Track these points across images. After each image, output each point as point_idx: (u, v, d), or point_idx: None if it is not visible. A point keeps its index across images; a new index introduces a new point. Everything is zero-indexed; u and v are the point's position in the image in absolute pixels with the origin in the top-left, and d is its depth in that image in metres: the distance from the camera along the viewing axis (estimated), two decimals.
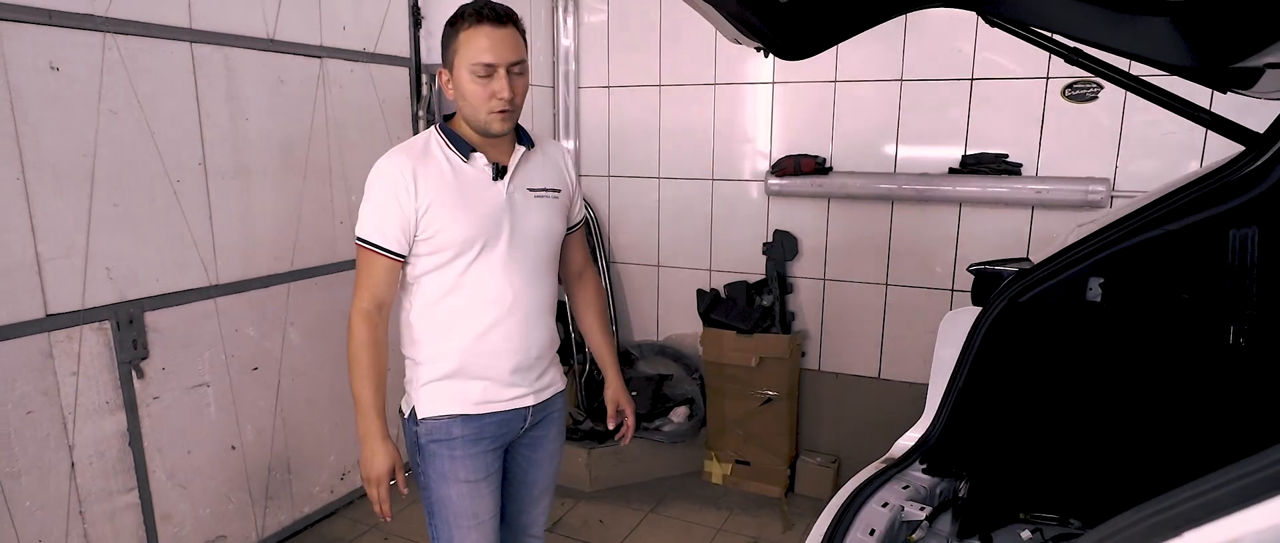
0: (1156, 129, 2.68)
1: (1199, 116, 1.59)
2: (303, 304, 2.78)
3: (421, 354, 1.66)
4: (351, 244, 3.02)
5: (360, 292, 1.60)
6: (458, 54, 1.53)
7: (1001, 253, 2.95)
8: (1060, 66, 2.77)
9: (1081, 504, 1.83)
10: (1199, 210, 1.53)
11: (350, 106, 2.93)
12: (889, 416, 3.23)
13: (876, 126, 3.09)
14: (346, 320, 1.61)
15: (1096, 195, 2.72)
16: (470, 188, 1.60)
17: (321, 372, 2.88)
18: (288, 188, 2.72)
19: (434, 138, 1.63)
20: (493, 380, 1.66)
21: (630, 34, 3.46)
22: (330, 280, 2.89)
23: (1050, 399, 1.80)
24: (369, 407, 1.59)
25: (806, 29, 1.65)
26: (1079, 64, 1.65)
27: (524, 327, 1.67)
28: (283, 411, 2.75)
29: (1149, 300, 1.63)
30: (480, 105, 1.54)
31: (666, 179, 3.53)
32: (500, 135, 1.60)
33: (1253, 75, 1.50)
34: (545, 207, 1.70)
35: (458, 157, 1.60)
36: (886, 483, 1.66)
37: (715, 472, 3.32)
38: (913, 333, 3.14)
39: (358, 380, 1.59)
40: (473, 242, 1.58)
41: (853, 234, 3.20)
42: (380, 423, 1.59)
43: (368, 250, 1.58)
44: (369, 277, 1.59)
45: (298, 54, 2.72)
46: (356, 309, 1.59)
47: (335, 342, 2.92)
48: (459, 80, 1.55)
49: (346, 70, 2.91)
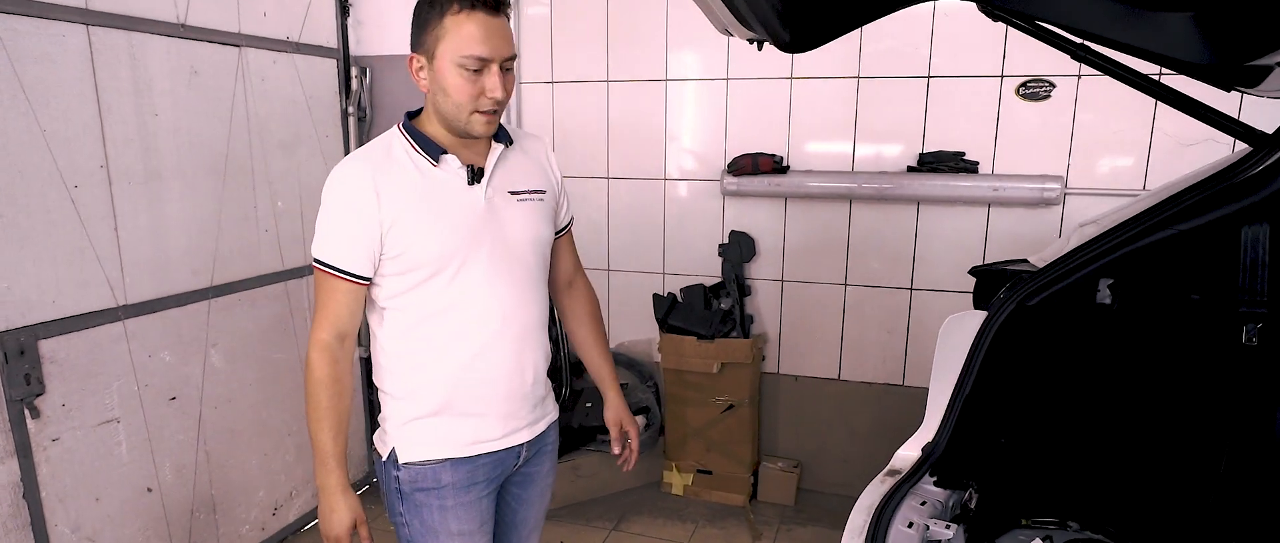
0: (1106, 127, 2.74)
1: (1207, 116, 1.57)
2: (225, 323, 2.48)
3: (398, 388, 1.46)
4: (279, 255, 2.76)
5: (319, 321, 1.39)
6: (441, 41, 1.32)
7: (960, 250, 2.96)
8: (1014, 65, 2.78)
9: (1085, 508, 1.81)
10: (1210, 210, 1.51)
11: (274, 101, 2.65)
12: (850, 417, 3.21)
13: (834, 124, 3.04)
14: (263, 336, 1.42)
15: (1051, 193, 2.75)
16: (442, 195, 1.40)
17: (247, 397, 2.59)
18: (205, 193, 2.41)
19: (397, 139, 1.42)
20: (484, 416, 1.48)
21: (575, 27, 3.29)
22: (255, 296, 2.59)
23: (1059, 404, 1.76)
24: (327, 454, 1.38)
25: (816, 18, 1.54)
26: (1085, 60, 1.61)
27: (517, 350, 1.49)
28: (206, 444, 2.44)
29: (1160, 302, 1.61)
30: (465, 104, 1.34)
31: (616, 179, 3.38)
32: (481, 137, 1.41)
33: (1260, 74, 1.50)
34: (530, 211, 1.51)
35: (426, 160, 1.40)
36: (903, 501, 1.57)
37: (676, 483, 3.20)
38: (873, 333, 3.12)
39: (315, 423, 1.39)
40: (449, 257, 1.40)
41: (811, 234, 3.14)
42: (340, 472, 1.39)
43: (326, 274, 1.37)
44: (328, 304, 1.38)
45: (213, 42, 2.42)
46: (315, 341, 1.39)
47: (262, 364, 2.63)
48: (440, 72, 1.34)
49: (269, 61, 2.62)
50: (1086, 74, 2.72)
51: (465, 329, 1.43)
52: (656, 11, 3.15)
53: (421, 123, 1.43)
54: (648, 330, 3.39)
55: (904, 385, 3.11)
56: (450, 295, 1.41)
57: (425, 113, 1.43)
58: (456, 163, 1.41)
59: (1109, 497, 1.75)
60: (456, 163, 1.41)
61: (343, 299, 1.38)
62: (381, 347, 1.46)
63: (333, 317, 1.38)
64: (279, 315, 2.69)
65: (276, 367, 2.69)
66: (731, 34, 1.82)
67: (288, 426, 2.76)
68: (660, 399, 3.33)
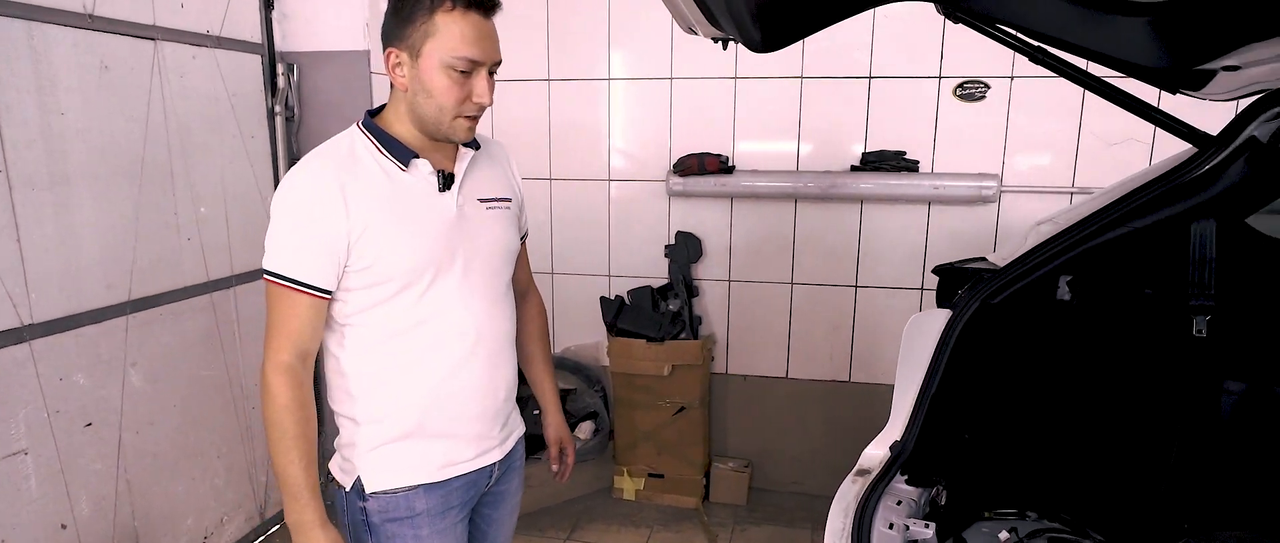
0: (1038, 128, 2.84)
1: (1152, 116, 1.63)
2: (145, 340, 2.29)
3: (363, 412, 1.36)
4: (204, 264, 2.55)
5: (277, 341, 1.27)
6: (430, 39, 1.23)
7: (902, 247, 3.03)
8: (951, 66, 2.86)
9: (1042, 498, 1.86)
10: (1161, 208, 1.57)
11: (194, 99, 2.46)
12: (800, 415, 3.23)
13: (778, 124, 3.05)
14: (188, 353, 1.32)
15: (988, 191, 2.84)
16: (413, 203, 1.31)
17: (172, 419, 2.40)
18: (120, 199, 2.22)
19: (360, 141, 1.31)
20: (456, 437, 1.39)
21: (514, 25, 3.17)
22: (178, 309, 2.40)
23: (1019, 398, 1.81)
24: (300, 487, 1.26)
25: (788, 18, 1.52)
26: (1041, 62, 1.65)
27: (490, 366, 1.41)
28: (126, 472, 2.24)
29: (1115, 297, 1.67)
30: (449, 107, 1.25)
31: (558, 180, 3.30)
32: (462, 142, 1.33)
33: (1206, 77, 1.56)
34: (499, 220, 1.43)
35: (394, 164, 1.30)
36: (879, 501, 1.58)
37: (627, 487, 3.16)
38: (819, 331, 3.15)
39: (282, 453, 1.26)
40: (421, 270, 1.30)
41: (757, 233, 3.15)
42: (316, 505, 1.27)
43: (285, 288, 1.25)
44: (288, 322, 1.26)
45: (125, 34, 2.23)
46: (274, 364, 1.26)
47: (188, 382, 2.45)
48: (425, 72, 1.24)
49: (188, 56, 2.44)
50: (1019, 76, 2.82)
51: (438, 346, 1.35)
52: (599, 9, 3.10)
53: (387, 123, 1.32)
54: (594, 334, 3.33)
55: (851, 382, 3.16)
56: (422, 310, 1.32)
57: (392, 112, 1.32)
58: (427, 168, 1.32)
59: (1066, 486, 1.81)
60: (427, 168, 1.32)
61: (305, 315, 1.26)
62: (341, 367, 1.35)
63: (293, 335, 1.26)
64: (205, 330, 2.50)
65: (203, 385, 2.50)
66: (696, 32, 1.79)
67: (217, 447, 2.57)
68: (608, 404, 3.28)
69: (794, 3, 1.51)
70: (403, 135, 1.31)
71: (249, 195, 2.68)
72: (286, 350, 1.26)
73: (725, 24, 1.52)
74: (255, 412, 2.72)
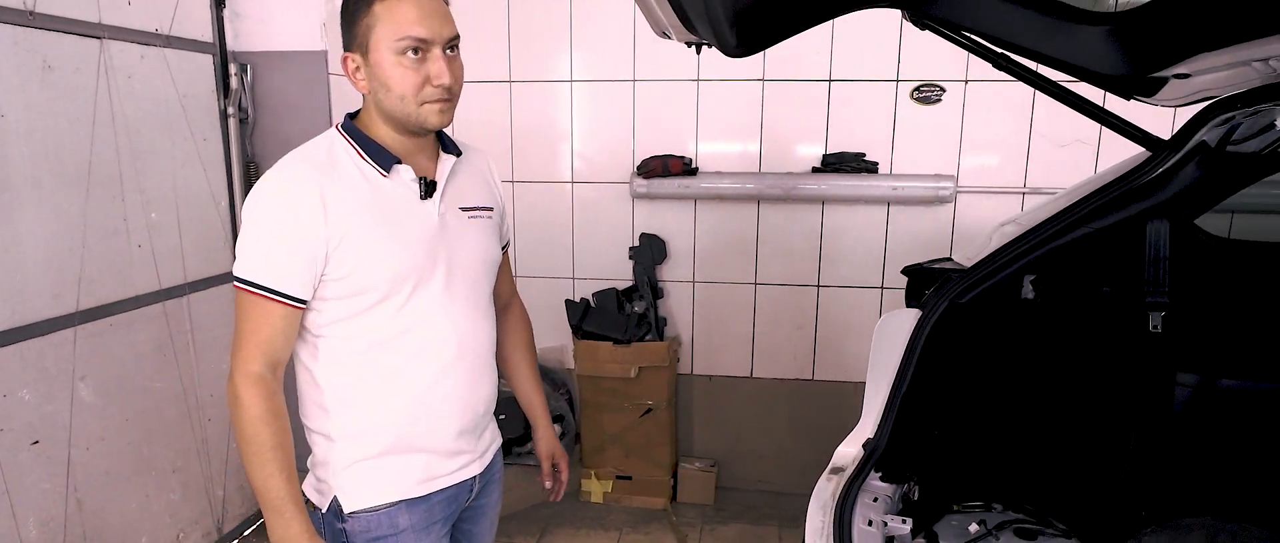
0: (991, 130, 2.93)
1: (1110, 122, 1.70)
2: (95, 352, 2.20)
3: (338, 427, 1.31)
4: (155, 272, 2.44)
5: (246, 350, 1.21)
6: (373, 31, 1.20)
7: (863, 247, 3.09)
8: (909, 70, 2.93)
9: (1007, 490, 1.92)
10: (1118, 209, 1.63)
11: (143, 101, 2.37)
12: (764, 413, 3.27)
13: (740, 126, 3.08)
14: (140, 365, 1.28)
15: (945, 191, 2.92)
16: (395, 210, 1.27)
17: (124, 434, 2.30)
18: (66, 205, 2.12)
19: (339, 144, 1.27)
20: (435, 450, 1.35)
21: (475, 25, 3.15)
22: (130, 319, 2.31)
23: (988, 394, 1.86)
24: (283, 500, 1.21)
25: (763, 24, 1.54)
26: (1005, 68, 1.70)
27: (472, 379, 1.38)
28: (76, 491, 2.15)
29: (1077, 295, 1.73)
30: (411, 95, 1.22)
31: (521, 183, 3.28)
32: (437, 129, 1.29)
33: (1158, 84, 1.63)
34: (481, 229, 1.40)
35: (375, 170, 1.26)
36: (857, 499, 1.61)
37: (595, 490, 3.15)
38: (782, 330, 3.19)
39: (260, 468, 1.21)
40: (402, 279, 1.26)
41: (721, 235, 3.17)
42: (302, 518, 1.23)
43: (257, 296, 1.20)
44: (259, 330, 1.21)
45: (69, 32, 2.13)
46: (243, 374, 1.21)
47: (141, 395, 2.36)
48: (379, 65, 1.21)
49: (136, 56, 2.34)
50: (973, 80, 2.90)
51: (418, 358, 1.31)
52: (560, 11, 3.08)
53: (366, 126, 1.29)
54: (559, 337, 3.32)
55: (814, 380, 3.21)
56: (402, 321, 1.28)
57: (367, 116, 1.29)
58: (409, 174, 1.28)
59: (1029, 478, 1.87)
60: (409, 174, 1.28)
61: (278, 325, 1.22)
62: (316, 380, 1.30)
63: (265, 344, 1.21)
64: (157, 340, 2.41)
65: (157, 398, 2.41)
66: (669, 36, 1.79)
67: (172, 461, 2.48)
68: (574, 407, 3.27)
69: (770, 9, 1.52)
70: (383, 139, 1.28)
71: (202, 200, 2.60)
72: (257, 361, 1.21)
73: (702, 30, 1.53)
74: (211, 424, 2.64)
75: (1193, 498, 1.65)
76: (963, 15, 1.63)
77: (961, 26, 1.66)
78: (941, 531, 1.80)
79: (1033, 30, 1.56)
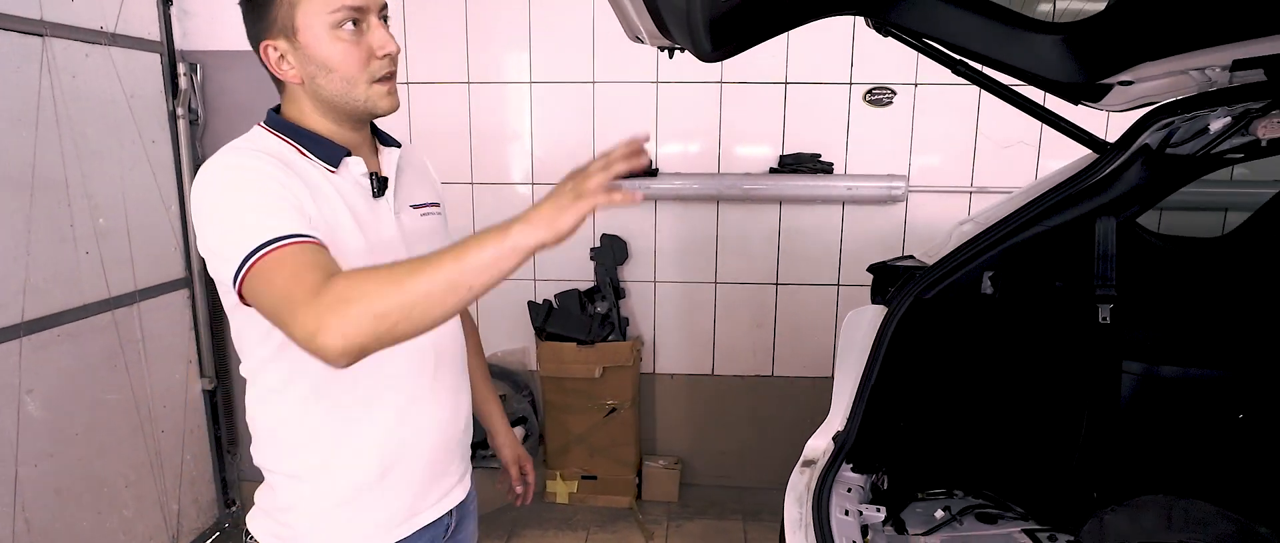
0: (939, 131, 3.05)
1: (1061, 126, 1.80)
2: (42, 364, 2.11)
3: (307, 466, 1.15)
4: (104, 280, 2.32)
5: (309, 283, 0.90)
6: (298, 8, 1.05)
7: (819, 246, 3.17)
8: (861, 73, 3.02)
9: (968, 476, 2.01)
10: (1070, 208, 1.73)
11: (89, 101, 2.28)
12: (724, 410, 3.33)
13: (699, 128, 3.13)
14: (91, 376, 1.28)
15: (897, 190, 3.02)
16: (353, 212, 1.11)
17: (75, 449, 2.21)
18: (9, 211, 2.04)
19: (273, 141, 1.10)
20: (417, 480, 1.22)
21: (431, 25, 3.13)
22: (78, 329, 2.22)
23: (951, 385, 1.94)
24: (503, 230, 0.93)
25: (737, 30, 1.58)
26: (961, 73, 1.78)
27: (453, 391, 1.27)
28: (24, 510, 2.05)
29: (1032, 290, 1.83)
30: (356, 74, 1.08)
31: (480, 185, 3.26)
32: (387, 114, 1.14)
33: (1104, 90, 1.74)
34: (434, 227, 1.28)
35: (322, 166, 1.10)
36: (831, 490, 1.66)
37: (560, 491, 3.16)
38: (742, 328, 3.25)
39: (457, 260, 0.91)
40: None
41: (681, 235, 3.21)
42: (522, 213, 0.95)
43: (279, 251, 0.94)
44: (308, 269, 0.92)
45: (8, 29, 2.05)
46: (320, 300, 0.88)
47: (92, 408, 2.27)
48: (313, 46, 1.06)
49: (80, 54, 2.26)
50: (922, 83, 3.01)
51: (399, 376, 1.17)
52: (519, 12, 3.08)
53: (297, 120, 1.12)
54: (521, 339, 3.31)
55: (774, 376, 3.28)
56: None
57: (296, 109, 1.13)
58: (361, 168, 1.14)
59: (989, 464, 1.96)
60: (361, 168, 1.14)
61: (317, 258, 0.95)
62: (278, 414, 1.15)
63: (318, 269, 0.93)
64: (108, 350, 2.32)
65: (109, 410, 2.32)
66: (642, 41, 1.82)
67: (125, 476, 2.39)
68: (537, 408, 3.27)
69: (745, 16, 1.56)
70: (325, 131, 1.12)
71: (151, 204, 2.51)
72: (323, 283, 0.91)
73: (678, 36, 1.56)
74: (165, 436, 2.55)
75: (1140, 479, 1.76)
76: (924, 23, 1.70)
77: (923, 34, 1.73)
78: (908, 517, 1.88)
79: (990, 38, 1.64)
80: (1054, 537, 1.72)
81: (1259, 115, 1.48)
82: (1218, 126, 1.58)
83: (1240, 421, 1.77)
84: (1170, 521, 1.41)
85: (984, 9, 1.61)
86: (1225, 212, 2.94)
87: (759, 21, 1.62)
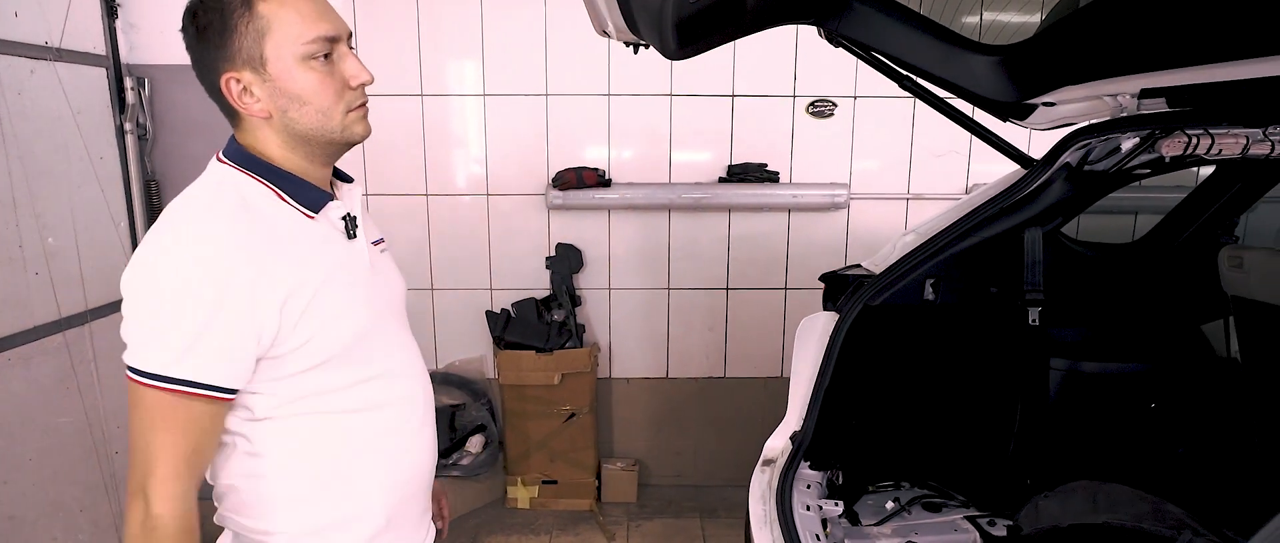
0: (877, 141, 3.21)
1: (992, 141, 1.95)
2: None
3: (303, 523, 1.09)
4: (55, 301, 2.28)
5: (165, 468, 0.95)
6: (266, 38, 0.99)
7: (766, 252, 3.30)
8: (804, 86, 3.16)
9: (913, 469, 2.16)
10: (1002, 220, 1.89)
11: (35, 118, 2.24)
12: (679, 412, 3.43)
13: (650, 139, 3.22)
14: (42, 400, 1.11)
15: (840, 198, 3.18)
16: (334, 257, 1.08)
17: (27, 475, 2.17)
18: None
19: (248, 185, 1.03)
20: (405, 523, 1.20)
21: (383, 37, 3.14)
22: (28, 353, 2.18)
23: (896, 385, 2.08)
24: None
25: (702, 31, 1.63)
26: (909, 89, 1.91)
27: (432, 430, 1.25)
28: None
29: (969, 295, 1.98)
30: (333, 106, 1.03)
31: (435, 196, 3.28)
32: (363, 140, 1.11)
33: (1029, 110, 1.90)
34: (391, 263, 1.27)
35: (300, 210, 1.05)
36: (792, 487, 1.78)
37: (521, 496, 3.21)
38: (695, 332, 3.36)
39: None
40: (364, 336, 1.09)
41: (635, 243, 3.30)
42: None
43: (175, 394, 0.94)
44: (183, 440, 0.96)
45: None
46: (167, 497, 0.95)
47: (43, 433, 2.23)
48: (285, 78, 1.00)
49: (25, 71, 2.21)
50: (861, 96, 3.17)
51: (391, 421, 1.15)
52: (471, 25, 3.11)
53: (269, 158, 1.06)
54: (479, 348, 3.35)
55: (726, 378, 3.40)
56: (370, 386, 1.11)
57: (264, 145, 1.06)
58: (339, 212, 1.10)
59: (931, 457, 2.11)
60: (339, 212, 1.10)
61: (207, 427, 0.98)
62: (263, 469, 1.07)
63: (193, 455, 0.97)
64: (59, 373, 2.27)
65: (61, 434, 2.27)
66: (609, 35, 1.86)
67: (79, 500, 2.34)
68: (495, 416, 3.31)
69: (710, 18, 1.64)
70: (299, 171, 1.07)
71: (101, 222, 2.46)
72: (184, 478, 0.96)
73: (646, 33, 1.60)
74: (118, 458, 2.50)
75: (1068, 466, 1.93)
76: (871, 36, 1.81)
77: (871, 47, 1.84)
78: (861, 509, 2.01)
79: (933, 55, 1.77)
80: (993, 522, 1.87)
81: (1163, 136, 1.65)
82: (1129, 146, 1.75)
83: (1153, 410, 1.96)
84: (1095, 503, 1.57)
85: (928, 27, 1.74)
86: (1135, 215, 3.19)
87: (723, 24, 1.70)
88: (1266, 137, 1.48)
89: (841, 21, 1.77)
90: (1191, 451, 1.98)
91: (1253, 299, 1.92)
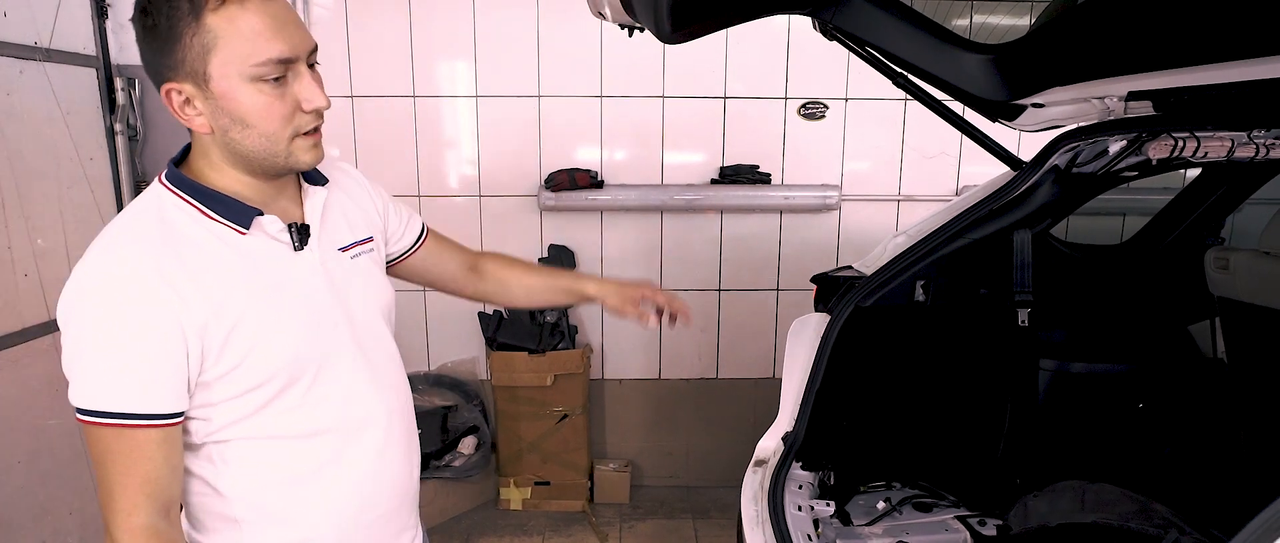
0: (868, 143, 3.23)
1: (983, 142, 1.97)
2: None
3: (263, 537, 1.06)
4: (44, 302, 2.27)
5: (124, 500, 0.93)
6: (212, 53, 0.91)
7: (759, 253, 3.31)
8: (796, 88, 3.18)
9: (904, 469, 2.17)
10: (991, 222, 1.90)
11: (24, 120, 2.22)
12: (671, 413, 3.44)
13: (643, 141, 3.23)
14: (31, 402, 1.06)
15: (831, 199, 3.19)
16: (269, 274, 1.01)
17: (16, 478, 2.16)
18: None
19: (172, 204, 0.98)
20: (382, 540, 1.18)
21: (375, 38, 3.13)
22: (17, 354, 2.16)
23: (887, 386, 2.10)
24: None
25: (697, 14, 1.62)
26: (902, 86, 1.92)
27: (406, 448, 1.18)
28: None
29: (959, 297, 1.99)
30: (278, 131, 0.96)
31: (428, 197, 3.28)
32: (311, 167, 1.04)
33: (1018, 111, 1.92)
34: (367, 269, 1.16)
35: (230, 228, 0.99)
36: (784, 488, 1.78)
37: (514, 498, 3.21)
38: (687, 333, 3.37)
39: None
40: (305, 360, 1.02)
41: (627, 244, 3.31)
42: None
43: (116, 427, 0.92)
44: (133, 469, 0.92)
45: None
46: (129, 531, 0.93)
47: (33, 435, 2.21)
48: (229, 97, 0.93)
49: (15, 71, 2.20)
50: (853, 98, 3.19)
51: (347, 445, 1.09)
52: (464, 26, 3.11)
53: (202, 173, 1.00)
54: (471, 350, 3.35)
55: (718, 379, 3.41)
56: (320, 408, 1.05)
57: (203, 160, 1.00)
58: (276, 225, 1.02)
59: (922, 457, 2.12)
60: (276, 225, 1.02)
61: (156, 455, 0.93)
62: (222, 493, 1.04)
63: (147, 484, 0.93)
64: (49, 375, 2.26)
65: (50, 436, 2.26)
66: (605, 16, 1.85)
67: (69, 503, 2.33)
68: (487, 417, 3.31)
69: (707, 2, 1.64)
70: (231, 187, 1.00)
71: (91, 223, 2.45)
72: (143, 510, 0.93)
73: (642, 15, 1.60)
74: None
75: (1057, 465, 1.95)
76: (866, 30, 1.80)
77: (865, 41, 1.85)
78: (852, 509, 2.02)
79: (925, 50, 1.78)
80: (983, 521, 1.89)
81: (1149, 139, 1.67)
82: (1116, 148, 1.76)
83: (1140, 410, 1.98)
84: (1083, 503, 1.58)
85: (922, 24, 1.75)
86: (1124, 216, 3.22)
87: (717, 9, 1.70)
88: (1251, 139, 1.50)
89: (837, 13, 1.76)
90: (1178, 450, 2.01)
91: (1238, 300, 1.94)
